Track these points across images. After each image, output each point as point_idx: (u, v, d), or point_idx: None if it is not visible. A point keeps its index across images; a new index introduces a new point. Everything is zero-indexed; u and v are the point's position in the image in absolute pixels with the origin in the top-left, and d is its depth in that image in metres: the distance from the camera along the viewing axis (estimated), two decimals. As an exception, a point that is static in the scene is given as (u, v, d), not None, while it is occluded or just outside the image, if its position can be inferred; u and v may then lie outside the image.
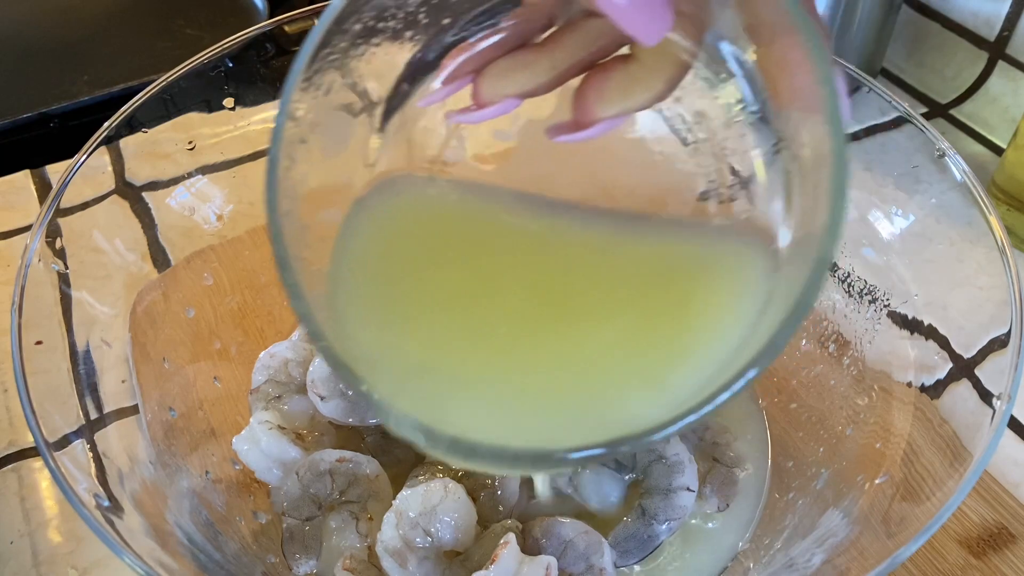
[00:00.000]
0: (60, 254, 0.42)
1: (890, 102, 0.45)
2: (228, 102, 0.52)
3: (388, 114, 0.28)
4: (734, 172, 0.28)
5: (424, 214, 0.29)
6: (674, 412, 0.21)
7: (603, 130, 0.26)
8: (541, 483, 0.37)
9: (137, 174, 0.50)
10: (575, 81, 0.27)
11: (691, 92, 0.28)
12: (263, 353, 0.50)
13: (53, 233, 0.42)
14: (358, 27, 0.26)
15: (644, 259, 0.27)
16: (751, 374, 0.21)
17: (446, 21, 0.28)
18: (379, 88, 0.28)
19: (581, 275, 0.27)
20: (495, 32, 0.27)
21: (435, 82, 0.28)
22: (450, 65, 0.28)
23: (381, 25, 0.26)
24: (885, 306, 0.46)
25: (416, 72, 0.28)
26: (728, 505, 0.45)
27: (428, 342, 0.26)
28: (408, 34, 0.27)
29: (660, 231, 0.28)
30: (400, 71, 0.28)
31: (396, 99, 0.28)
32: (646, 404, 0.23)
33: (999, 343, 0.37)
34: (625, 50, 0.26)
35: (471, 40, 0.28)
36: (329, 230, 0.27)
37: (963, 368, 0.41)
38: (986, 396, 0.37)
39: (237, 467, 0.46)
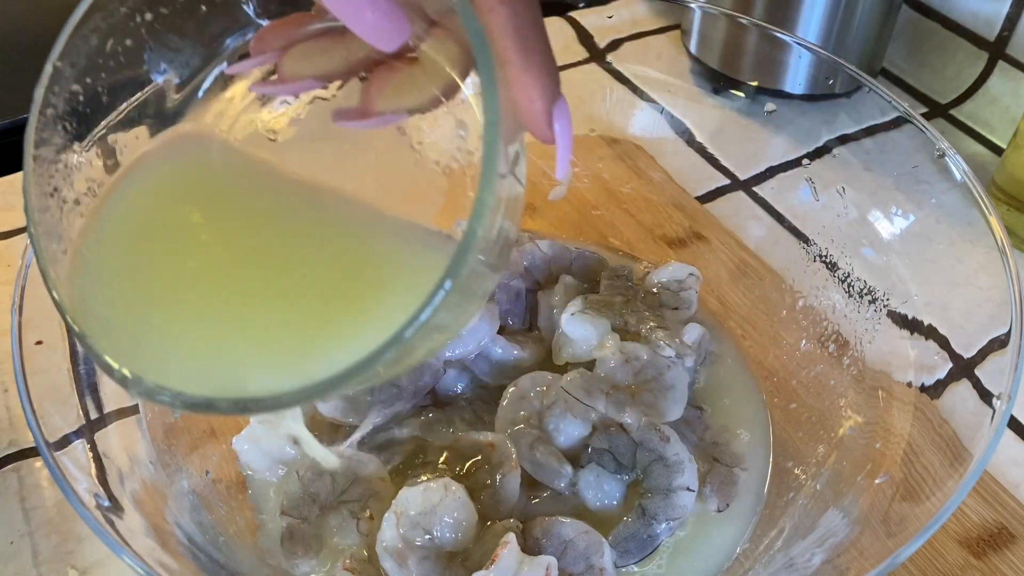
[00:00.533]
0: (60, 254, 0.42)
1: (890, 102, 0.45)
2: (228, 102, 0.52)
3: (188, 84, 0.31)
4: None
5: (179, 181, 0.30)
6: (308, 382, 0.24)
7: (380, 123, 0.29)
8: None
9: (137, 174, 0.50)
10: None
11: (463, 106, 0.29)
12: (263, 353, 0.50)
13: (53, 233, 0.42)
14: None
15: (357, 249, 0.29)
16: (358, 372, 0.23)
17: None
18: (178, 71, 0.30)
19: (294, 254, 0.29)
20: (306, 17, 0.29)
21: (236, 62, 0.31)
22: (260, 40, 0.30)
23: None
24: (885, 306, 0.46)
25: (221, 45, 0.31)
26: (728, 505, 0.45)
27: (149, 305, 0.28)
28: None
29: (392, 229, 0.30)
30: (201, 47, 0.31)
31: (200, 70, 0.31)
32: (291, 372, 0.25)
33: (999, 343, 0.37)
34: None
35: (282, 20, 0.30)
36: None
37: (963, 368, 0.41)
38: (986, 396, 0.37)
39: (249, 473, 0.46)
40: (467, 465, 0.45)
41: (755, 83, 0.65)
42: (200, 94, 0.31)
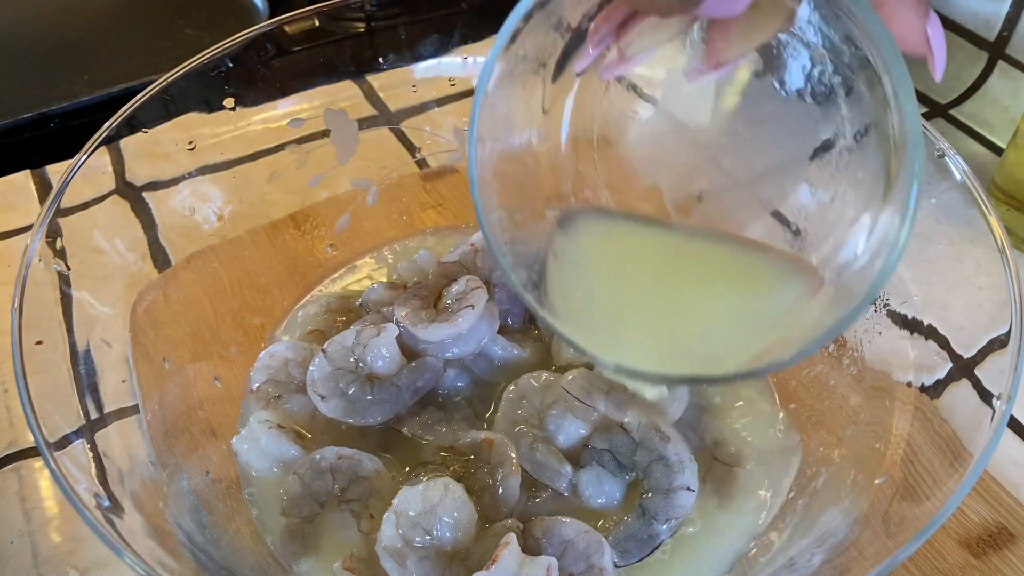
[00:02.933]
0: (60, 254, 0.42)
1: (890, 102, 0.45)
2: (228, 102, 0.52)
3: (558, 69, 0.35)
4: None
5: (600, 234, 0.38)
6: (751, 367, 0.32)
7: (732, 68, 0.33)
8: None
9: (137, 174, 0.50)
10: None
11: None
12: (263, 353, 0.50)
13: (53, 233, 0.42)
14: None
15: (732, 261, 0.36)
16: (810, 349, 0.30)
17: None
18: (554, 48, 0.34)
19: (700, 271, 0.37)
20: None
21: (585, 50, 0.35)
22: (598, 29, 0.33)
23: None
24: (885, 306, 0.46)
25: (571, 44, 0.34)
26: (728, 504, 0.45)
27: (612, 308, 0.36)
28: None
29: (742, 244, 0.37)
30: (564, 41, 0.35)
31: (562, 60, 0.35)
32: (731, 355, 0.33)
33: (999, 343, 0.37)
34: None
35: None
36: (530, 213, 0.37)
37: (963, 368, 0.41)
38: (986, 396, 0.37)
39: (249, 473, 0.46)
40: (467, 465, 0.45)
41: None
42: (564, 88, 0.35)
